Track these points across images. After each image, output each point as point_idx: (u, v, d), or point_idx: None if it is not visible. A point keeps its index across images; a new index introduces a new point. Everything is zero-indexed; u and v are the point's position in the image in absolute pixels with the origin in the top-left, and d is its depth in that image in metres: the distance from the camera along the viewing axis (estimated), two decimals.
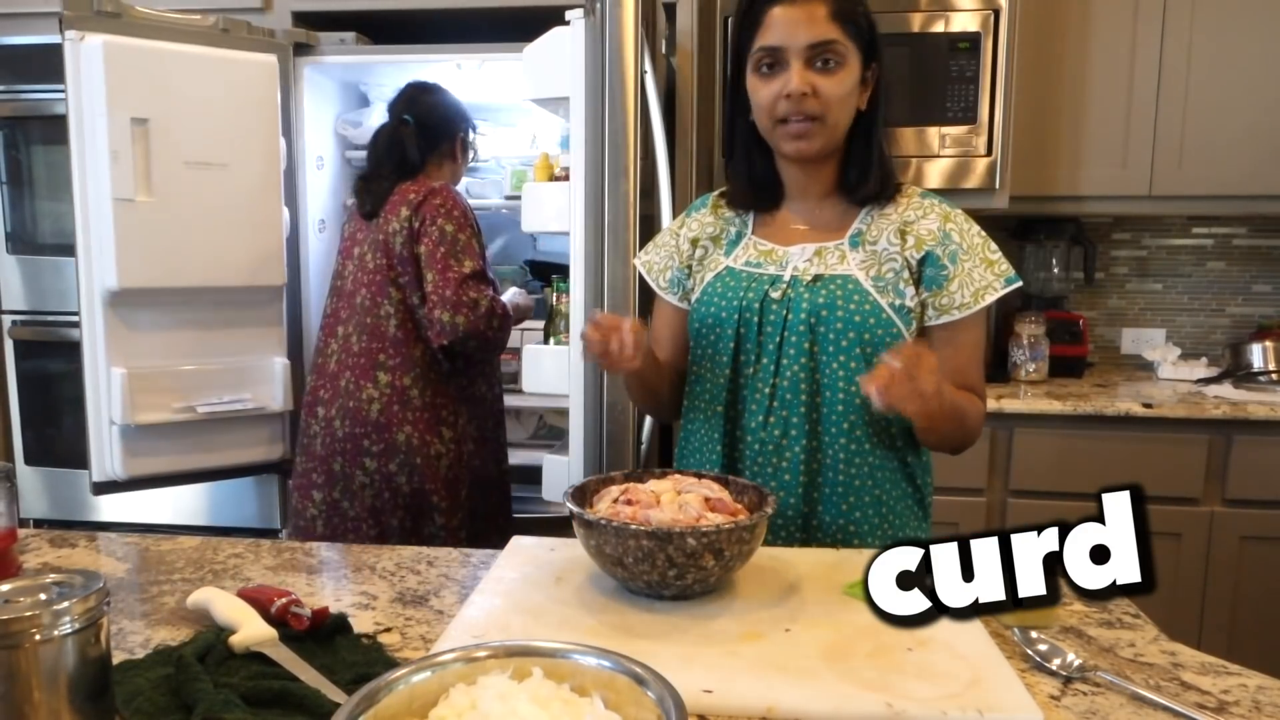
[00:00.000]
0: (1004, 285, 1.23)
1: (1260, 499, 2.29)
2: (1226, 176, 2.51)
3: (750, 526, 0.98)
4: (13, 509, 1.11)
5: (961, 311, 1.23)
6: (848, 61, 1.20)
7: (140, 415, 2.16)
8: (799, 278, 1.26)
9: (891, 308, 1.22)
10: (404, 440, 1.94)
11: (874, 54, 1.25)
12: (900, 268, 1.24)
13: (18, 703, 0.68)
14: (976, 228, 1.27)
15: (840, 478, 1.24)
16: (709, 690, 0.82)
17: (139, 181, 2.09)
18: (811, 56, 1.19)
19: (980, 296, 1.23)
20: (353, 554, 1.23)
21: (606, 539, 0.98)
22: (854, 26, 1.21)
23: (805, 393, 1.24)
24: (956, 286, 1.23)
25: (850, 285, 1.23)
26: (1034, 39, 2.50)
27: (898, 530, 1.28)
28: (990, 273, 1.23)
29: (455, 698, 0.70)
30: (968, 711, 0.78)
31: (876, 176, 1.26)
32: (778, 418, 1.26)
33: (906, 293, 1.23)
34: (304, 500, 2.01)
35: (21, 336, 2.62)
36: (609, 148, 1.87)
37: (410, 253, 1.95)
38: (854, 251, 1.26)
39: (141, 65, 2.08)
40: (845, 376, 1.23)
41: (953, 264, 1.23)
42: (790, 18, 1.19)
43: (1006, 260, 1.25)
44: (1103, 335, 2.96)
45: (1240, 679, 0.88)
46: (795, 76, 1.19)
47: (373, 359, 1.96)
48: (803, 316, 1.23)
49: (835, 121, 1.22)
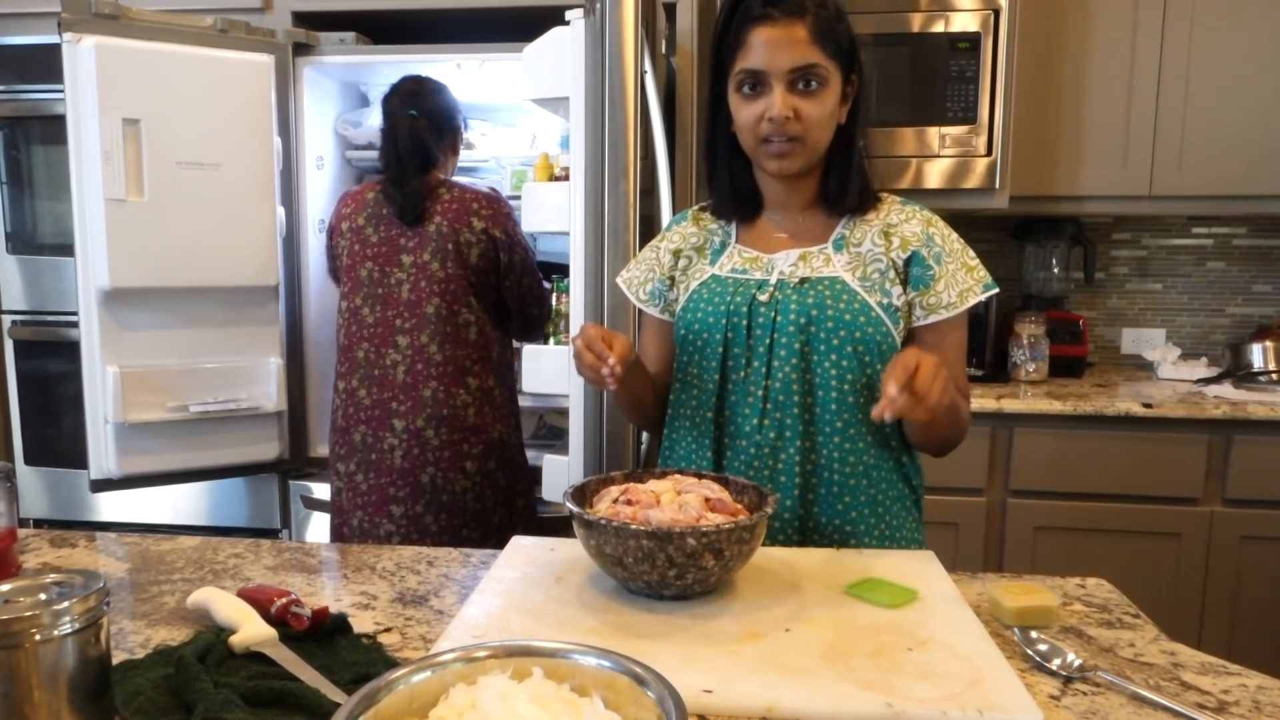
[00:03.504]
0: (983, 290, 1.26)
1: (1260, 499, 2.29)
2: (1226, 176, 2.52)
3: (750, 526, 0.98)
4: (13, 509, 1.11)
5: (949, 311, 1.25)
6: (829, 82, 1.21)
7: (133, 414, 2.17)
8: (786, 281, 1.27)
9: (880, 306, 1.24)
10: (498, 437, 2.04)
11: (854, 67, 1.25)
12: (886, 268, 1.25)
13: (18, 702, 0.68)
14: (955, 234, 1.30)
15: (836, 478, 1.24)
16: (709, 690, 0.82)
17: (131, 181, 2.10)
18: (793, 80, 1.20)
19: (965, 297, 1.25)
20: (353, 554, 1.23)
21: (606, 539, 0.98)
22: (834, 45, 1.21)
23: (799, 394, 1.24)
24: (943, 286, 1.25)
25: (839, 286, 1.25)
26: (1034, 39, 2.50)
27: (894, 530, 1.28)
28: (970, 277, 1.26)
29: (455, 698, 0.70)
30: (968, 711, 0.78)
31: (856, 187, 1.27)
32: (772, 420, 1.26)
33: (893, 292, 1.25)
34: (376, 517, 2.00)
35: (21, 336, 2.62)
36: (609, 148, 1.87)
37: (489, 263, 2.04)
38: (839, 254, 1.27)
39: (134, 66, 2.09)
40: (838, 376, 1.24)
41: (938, 264, 1.25)
42: (772, 41, 1.19)
43: (983, 268, 1.28)
44: (1103, 335, 2.96)
45: (1240, 679, 0.88)
46: (778, 101, 1.19)
47: (459, 365, 2.01)
48: (792, 318, 1.24)
49: (816, 141, 1.23)
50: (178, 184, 2.16)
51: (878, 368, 1.24)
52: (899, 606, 1.00)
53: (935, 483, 2.36)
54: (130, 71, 2.08)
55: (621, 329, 1.91)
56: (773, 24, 1.19)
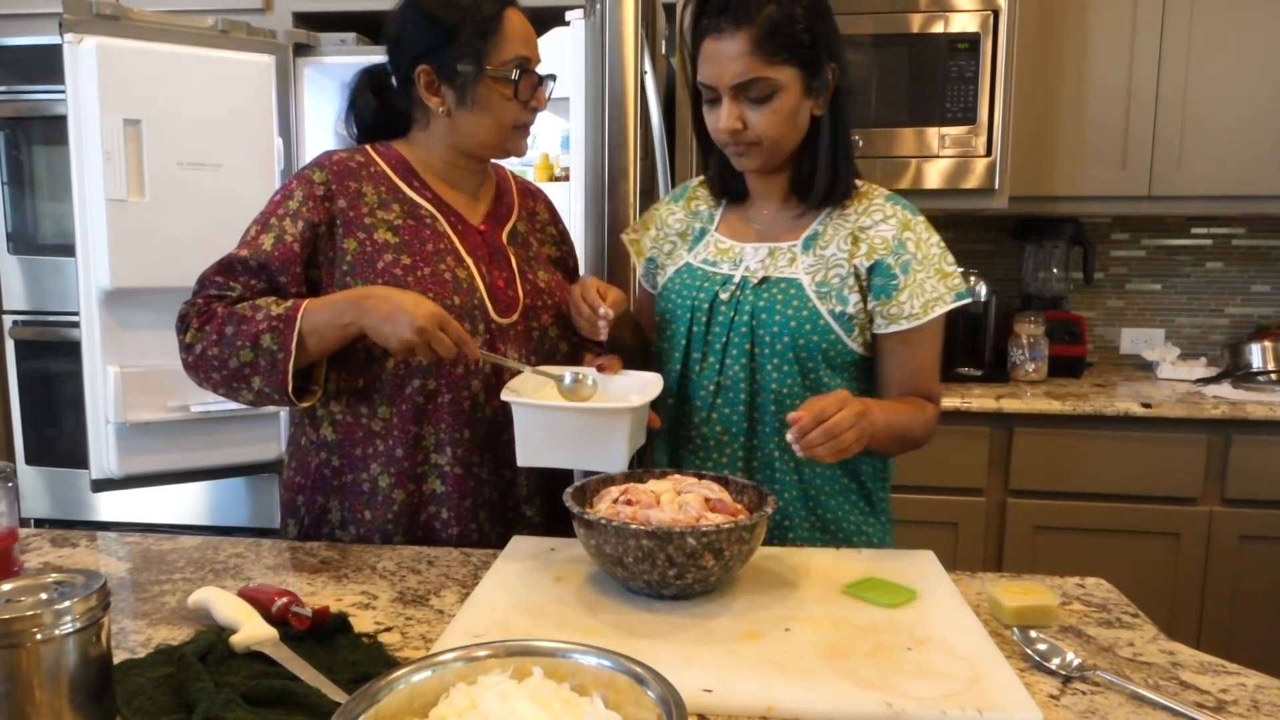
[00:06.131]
0: (954, 299, 1.24)
1: (1259, 499, 2.29)
2: (1225, 177, 2.52)
3: (750, 526, 0.99)
4: (13, 509, 1.11)
5: (910, 321, 1.23)
6: (780, 89, 1.19)
7: (134, 414, 2.17)
8: (748, 279, 1.29)
9: (832, 314, 1.25)
10: None
11: (825, 59, 1.22)
12: (846, 274, 1.25)
13: (19, 702, 0.68)
14: (936, 238, 1.27)
15: (777, 474, 1.29)
16: (709, 690, 0.82)
17: (132, 182, 2.10)
18: (738, 93, 1.20)
19: (930, 308, 1.23)
20: (353, 554, 1.23)
21: (606, 539, 0.99)
22: (787, 49, 1.18)
23: (745, 392, 1.28)
24: (906, 296, 1.23)
25: (792, 290, 1.26)
26: (1034, 39, 2.50)
27: (832, 524, 1.31)
28: (943, 284, 1.24)
29: (455, 697, 0.70)
30: (967, 711, 0.78)
31: (824, 179, 1.26)
32: (720, 414, 1.30)
33: (850, 299, 1.25)
34: None
35: (22, 336, 2.62)
36: (609, 148, 1.87)
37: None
38: (805, 255, 1.28)
39: (135, 67, 2.09)
40: (778, 380, 1.26)
41: (904, 273, 1.23)
42: (715, 56, 1.20)
43: (960, 274, 1.26)
44: (1102, 335, 2.96)
45: (1239, 678, 0.88)
46: (724, 115, 1.21)
47: None
48: (745, 318, 1.27)
49: (774, 142, 1.23)
50: (179, 184, 2.16)
51: (821, 375, 1.26)
52: (898, 606, 1.00)
53: (934, 482, 2.37)
54: (131, 72, 2.09)
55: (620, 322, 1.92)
56: (718, 36, 1.19)
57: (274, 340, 1.20)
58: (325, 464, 1.34)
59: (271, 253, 1.27)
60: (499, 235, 1.42)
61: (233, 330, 1.22)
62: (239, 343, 1.21)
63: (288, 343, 1.19)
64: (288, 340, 1.19)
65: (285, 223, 1.29)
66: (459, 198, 1.40)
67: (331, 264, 1.30)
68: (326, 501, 1.35)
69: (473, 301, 1.31)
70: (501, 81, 1.29)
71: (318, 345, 1.22)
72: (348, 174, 1.34)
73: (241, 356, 1.21)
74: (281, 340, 1.20)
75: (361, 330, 1.20)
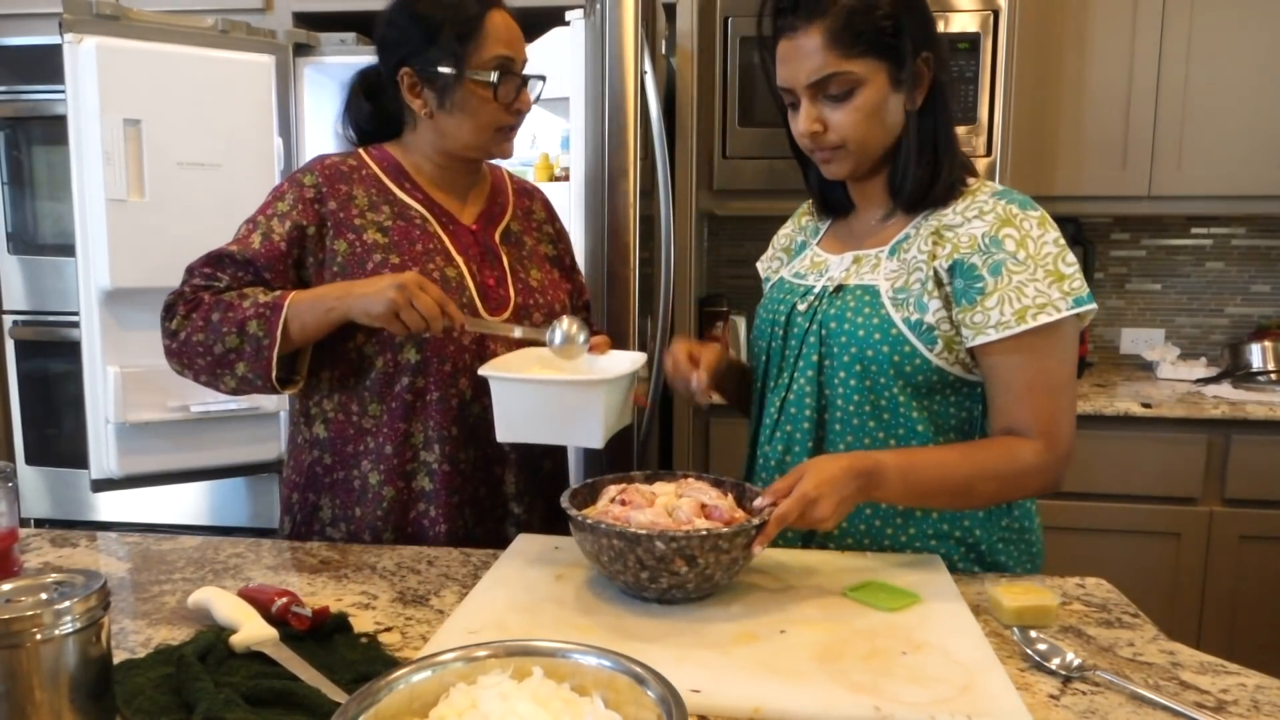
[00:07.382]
0: (1070, 306, 1.04)
1: (1259, 499, 2.29)
2: (1226, 177, 2.52)
3: (728, 535, 0.94)
4: (13, 509, 1.11)
5: (998, 331, 1.06)
6: (862, 83, 1.10)
7: (134, 414, 2.17)
8: (826, 289, 1.19)
9: (906, 323, 1.11)
10: None
11: (916, 50, 1.11)
12: (926, 278, 1.11)
13: (19, 702, 0.68)
14: (1053, 235, 1.08)
15: None
16: (697, 690, 0.82)
17: (131, 182, 2.10)
18: (817, 91, 1.12)
19: (1025, 316, 1.04)
20: (353, 554, 1.23)
21: (585, 536, 1.00)
22: (866, 41, 1.08)
23: (810, 409, 1.19)
24: (994, 302, 1.06)
25: (866, 296, 1.14)
26: (1034, 39, 2.50)
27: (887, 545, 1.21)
28: (1056, 289, 1.05)
29: (455, 697, 0.70)
30: (956, 717, 0.77)
31: (916, 178, 1.14)
32: (782, 433, 1.22)
33: (929, 306, 1.10)
34: None
35: (22, 336, 2.62)
36: (609, 148, 1.87)
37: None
38: (889, 260, 1.16)
39: (135, 67, 2.09)
40: (845, 395, 1.16)
41: (993, 275, 1.07)
42: (789, 55, 1.12)
43: (1081, 278, 1.07)
44: (1102, 335, 2.96)
45: (1239, 678, 0.88)
46: (803, 118, 1.13)
47: None
48: (816, 329, 1.18)
49: (860, 143, 1.13)
50: (178, 184, 2.16)
51: (896, 395, 1.13)
52: (899, 610, 0.99)
53: None
54: (131, 72, 2.09)
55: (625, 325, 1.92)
56: (791, 34, 1.11)
57: (260, 327, 1.22)
58: (318, 461, 1.36)
59: (259, 250, 1.29)
60: (491, 235, 1.42)
61: (219, 317, 1.24)
62: (225, 329, 1.23)
63: (273, 329, 1.21)
64: (273, 327, 1.21)
65: (274, 223, 1.31)
66: (450, 198, 1.41)
67: (322, 265, 1.32)
68: (318, 499, 1.36)
69: (462, 300, 1.32)
70: (481, 84, 1.29)
71: (300, 333, 1.23)
72: (339, 177, 1.36)
73: (227, 342, 1.23)
74: (268, 327, 1.21)
75: (346, 315, 1.21)
